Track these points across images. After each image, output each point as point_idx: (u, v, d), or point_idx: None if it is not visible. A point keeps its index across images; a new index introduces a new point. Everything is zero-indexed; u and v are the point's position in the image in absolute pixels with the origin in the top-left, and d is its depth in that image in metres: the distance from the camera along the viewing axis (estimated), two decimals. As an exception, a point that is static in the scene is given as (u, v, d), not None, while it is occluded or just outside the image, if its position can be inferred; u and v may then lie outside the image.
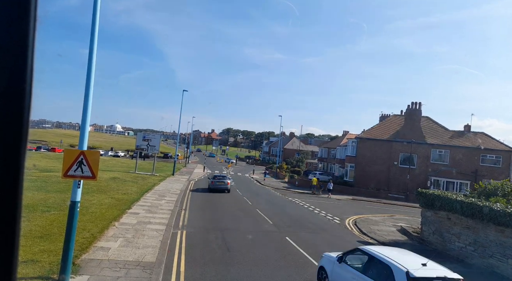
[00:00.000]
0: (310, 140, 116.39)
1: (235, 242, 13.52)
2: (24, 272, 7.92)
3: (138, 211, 17.05)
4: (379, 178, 41.91)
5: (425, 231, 17.21)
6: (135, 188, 24.70)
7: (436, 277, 7.09)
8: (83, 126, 8.23)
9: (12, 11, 0.81)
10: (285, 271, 10.74)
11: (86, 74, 8.05)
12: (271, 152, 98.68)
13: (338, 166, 56.08)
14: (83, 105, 8.12)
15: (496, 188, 17.49)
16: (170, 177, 37.94)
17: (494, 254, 13.00)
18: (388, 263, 7.32)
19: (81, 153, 7.94)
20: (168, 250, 11.44)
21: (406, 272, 6.85)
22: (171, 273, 9.52)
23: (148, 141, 41.20)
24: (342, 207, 28.84)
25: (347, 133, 67.95)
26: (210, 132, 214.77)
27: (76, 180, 8.00)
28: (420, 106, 43.58)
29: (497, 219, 12.85)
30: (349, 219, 21.95)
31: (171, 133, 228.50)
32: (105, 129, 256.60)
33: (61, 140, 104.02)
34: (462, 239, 14.70)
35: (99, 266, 9.16)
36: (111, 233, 12.53)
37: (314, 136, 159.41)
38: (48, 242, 10.27)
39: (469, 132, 44.58)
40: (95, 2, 8.13)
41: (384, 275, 7.25)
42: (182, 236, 13.70)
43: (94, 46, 8.14)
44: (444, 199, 15.91)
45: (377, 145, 42.88)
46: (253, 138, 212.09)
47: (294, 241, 14.40)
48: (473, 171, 40.47)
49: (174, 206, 19.86)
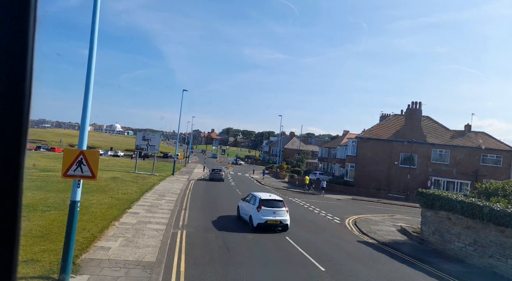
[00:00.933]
0: (310, 140, 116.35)
1: (235, 242, 13.52)
2: (24, 271, 7.93)
3: (138, 211, 17.05)
4: (379, 178, 41.90)
5: (425, 231, 17.20)
6: (135, 188, 24.70)
7: (272, 199, 16.51)
8: (82, 125, 8.22)
9: (11, 11, 0.81)
10: (285, 271, 10.74)
11: (86, 74, 8.04)
12: (271, 152, 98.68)
13: (339, 166, 56.05)
14: (83, 104, 8.12)
15: (497, 188, 17.49)
16: (170, 177, 37.94)
17: (494, 254, 13.00)
18: (255, 195, 16.90)
19: (80, 152, 7.94)
20: (168, 250, 11.44)
21: (259, 197, 16.29)
22: (171, 273, 9.52)
23: (148, 140, 41.22)
24: (342, 207, 28.84)
25: (347, 133, 67.95)
26: (210, 132, 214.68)
27: (75, 179, 7.99)
28: (421, 106, 43.55)
29: (497, 219, 12.84)
30: (349, 219, 21.96)
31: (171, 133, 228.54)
32: (105, 129, 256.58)
33: (61, 139, 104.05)
34: (462, 239, 14.69)
35: (99, 265, 9.17)
36: (111, 232, 12.53)
37: (314, 136, 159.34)
38: (48, 241, 10.27)
39: (469, 132, 44.54)
40: (95, 2, 8.13)
41: (253, 200, 16.55)
42: (182, 235, 13.70)
43: (94, 46, 8.14)
44: (445, 199, 15.90)
45: (378, 145, 42.86)
46: (253, 138, 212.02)
47: (294, 241, 14.40)
48: (474, 171, 40.45)
49: (174, 205, 19.86)
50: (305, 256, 12.37)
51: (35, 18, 0.84)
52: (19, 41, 0.82)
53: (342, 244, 15.37)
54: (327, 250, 13.85)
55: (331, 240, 15.92)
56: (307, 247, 13.65)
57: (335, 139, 79.97)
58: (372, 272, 11.58)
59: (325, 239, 15.99)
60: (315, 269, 11.05)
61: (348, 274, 11.03)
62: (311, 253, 12.75)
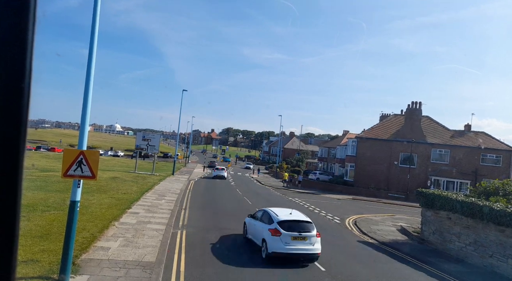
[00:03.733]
0: (310, 139, 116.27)
1: (233, 245, 13.51)
2: (24, 271, 7.92)
3: (138, 211, 17.05)
4: (379, 178, 41.91)
5: (425, 231, 17.21)
6: (135, 188, 24.69)
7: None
8: (82, 125, 8.22)
9: (11, 11, 0.81)
10: (286, 271, 10.73)
11: (86, 74, 8.04)
12: (271, 151, 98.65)
13: (338, 166, 56.07)
14: (83, 104, 8.11)
15: (497, 187, 17.49)
16: (170, 177, 37.94)
17: (494, 254, 13.00)
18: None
19: (80, 152, 7.93)
20: (168, 250, 11.44)
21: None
22: (171, 273, 9.52)
23: (148, 140, 41.21)
24: (342, 207, 28.84)
25: (347, 132, 67.93)
26: (210, 132, 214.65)
27: (75, 179, 7.99)
28: (420, 106, 43.57)
29: (497, 219, 12.84)
30: (349, 219, 21.95)
31: (171, 133, 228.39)
32: (105, 129, 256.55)
33: (61, 139, 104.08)
34: (462, 239, 14.70)
35: (99, 266, 9.16)
36: (111, 232, 12.53)
37: (314, 136, 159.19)
38: (48, 241, 10.27)
39: (469, 132, 44.55)
40: (95, 2, 8.12)
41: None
42: (182, 235, 13.69)
43: (94, 46, 8.13)
44: (444, 199, 15.91)
45: (377, 144, 42.86)
46: (253, 138, 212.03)
47: (294, 240, 14.37)
48: (474, 170, 40.47)
49: (174, 205, 19.86)
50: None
51: (34, 18, 0.84)
52: (18, 41, 0.82)
53: (342, 244, 15.37)
54: (327, 250, 13.83)
55: (331, 240, 15.91)
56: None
57: (335, 139, 79.96)
58: (372, 272, 11.58)
59: (325, 239, 15.93)
60: (315, 269, 11.05)
61: (348, 274, 11.03)
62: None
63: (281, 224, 11.44)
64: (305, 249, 11.20)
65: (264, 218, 12.52)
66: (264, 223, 12.20)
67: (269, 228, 11.54)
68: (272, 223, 11.69)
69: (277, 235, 11.15)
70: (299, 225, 11.67)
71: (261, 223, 12.40)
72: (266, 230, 11.63)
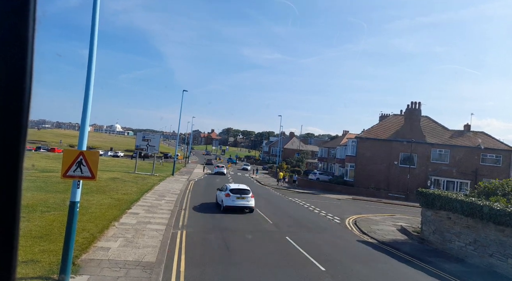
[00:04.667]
0: (310, 140, 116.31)
1: (235, 242, 13.53)
2: (24, 272, 7.92)
3: (138, 211, 17.04)
4: (379, 178, 41.92)
5: (425, 231, 17.21)
6: (134, 188, 24.69)
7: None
8: (82, 126, 8.22)
9: (11, 11, 0.81)
10: (286, 271, 10.74)
11: (86, 74, 8.03)
12: (271, 152, 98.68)
13: (338, 166, 56.08)
14: (83, 105, 8.11)
15: (497, 187, 17.49)
16: (170, 177, 37.94)
17: (494, 253, 13.00)
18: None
19: (80, 153, 7.93)
20: (168, 250, 11.44)
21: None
22: (171, 273, 9.52)
23: (148, 141, 41.20)
24: (342, 206, 28.84)
25: (347, 132, 67.97)
26: (210, 132, 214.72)
27: (75, 180, 7.99)
28: (420, 106, 43.60)
29: (497, 219, 12.85)
30: (349, 219, 21.96)
31: (171, 133, 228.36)
32: (105, 129, 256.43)
33: (61, 140, 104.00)
34: (462, 239, 14.70)
35: (99, 266, 9.16)
36: (111, 233, 12.53)
37: (314, 136, 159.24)
38: (48, 242, 10.27)
39: (469, 132, 44.57)
40: (95, 2, 8.12)
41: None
42: (182, 236, 13.69)
43: (94, 46, 8.13)
44: (444, 199, 15.91)
45: (377, 144, 42.88)
46: (253, 138, 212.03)
47: (294, 241, 14.40)
48: (473, 170, 40.49)
49: (174, 206, 19.85)
50: (305, 256, 12.36)
51: (34, 18, 0.84)
52: (19, 41, 0.82)
53: (342, 244, 15.38)
54: (327, 249, 13.84)
55: (331, 239, 15.92)
56: (307, 246, 13.64)
57: (334, 139, 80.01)
58: (372, 272, 11.58)
59: (325, 238, 15.98)
60: (315, 268, 11.05)
61: (348, 273, 11.02)
62: (311, 252, 12.74)
63: (231, 191, 19.94)
64: (244, 203, 19.78)
65: (223, 188, 21.13)
66: (223, 191, 20.72)
67: (225, 193, 20.00)
68: (226, 191, 20.19)
69: (228, 196, 19.64)
70: (241, 191, 20.12)
71: (222, 192, 20.87)
72: (223, 195, 20.15)
